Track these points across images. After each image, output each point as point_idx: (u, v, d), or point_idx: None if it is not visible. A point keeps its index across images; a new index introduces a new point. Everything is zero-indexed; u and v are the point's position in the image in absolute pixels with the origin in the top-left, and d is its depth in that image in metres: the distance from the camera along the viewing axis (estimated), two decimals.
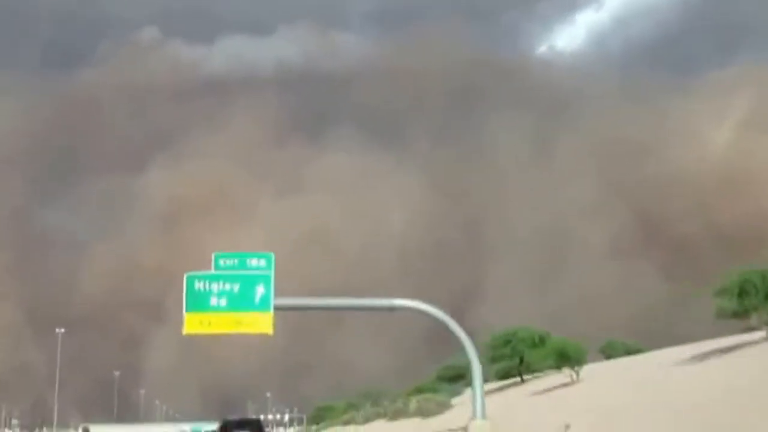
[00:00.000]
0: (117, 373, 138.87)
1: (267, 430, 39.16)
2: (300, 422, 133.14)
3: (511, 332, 48.83)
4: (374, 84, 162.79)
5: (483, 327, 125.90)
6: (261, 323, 26.55)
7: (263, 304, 26.13)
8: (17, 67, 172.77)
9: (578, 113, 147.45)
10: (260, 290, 26.20)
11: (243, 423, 34.29)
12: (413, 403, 48.28)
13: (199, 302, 25.89)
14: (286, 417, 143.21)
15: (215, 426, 51.68)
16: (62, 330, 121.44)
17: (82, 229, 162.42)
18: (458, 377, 59.61)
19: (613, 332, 79.77)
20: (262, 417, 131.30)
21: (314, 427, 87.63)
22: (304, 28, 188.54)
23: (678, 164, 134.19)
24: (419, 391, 60.76)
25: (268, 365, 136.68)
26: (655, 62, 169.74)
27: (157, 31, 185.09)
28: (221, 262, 27.30)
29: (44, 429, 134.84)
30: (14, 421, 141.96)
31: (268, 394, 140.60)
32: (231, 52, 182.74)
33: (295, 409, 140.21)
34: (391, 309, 27.88)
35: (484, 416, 24.48)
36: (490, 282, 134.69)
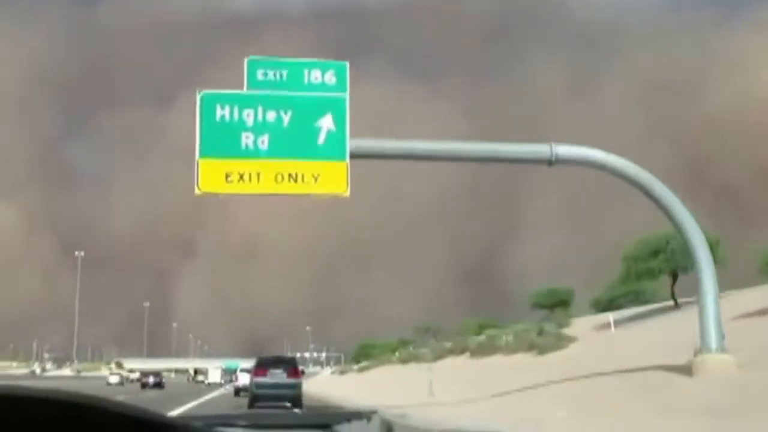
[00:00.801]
0: (147, 304, 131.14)
1: (302, 367, 35.68)
2: (337, 361, 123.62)
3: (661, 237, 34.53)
4: (408, 20, 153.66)
5: (519, 265, 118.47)
6: (330, 178, 15.54)
7: (333, 148, 15.56)
8: (44, 1, 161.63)
9: (620, 50, 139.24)
10: (326, 124, 15.09)
11: (277, 361, 31.90)
12: (506, 338, 37.17)
13: (223, 142, 15.38)
14: (323, 355, 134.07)
15: (250, 364, 48.73)
16: (82, 253, 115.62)
17: (111, 162, 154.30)
18: (558, 304, 48.79)
19: None
20: (298, 355, 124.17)
21: (358, 365, 77.26)
22: None
23: (725, 105, 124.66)
24: (484, 326, 51.87)
25: (298, 305, 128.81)
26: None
27: None
28: (260, 74, 16.44)
29: (75, 362, 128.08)
30: (46, 355, 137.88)
31: (308, 328, 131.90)
32: None
33: (332, 348, 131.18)
34: (552, 162, 17.96)
35: (721, 346, 14.74)
36: (527, 221, 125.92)
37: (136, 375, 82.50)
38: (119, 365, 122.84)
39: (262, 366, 30.99)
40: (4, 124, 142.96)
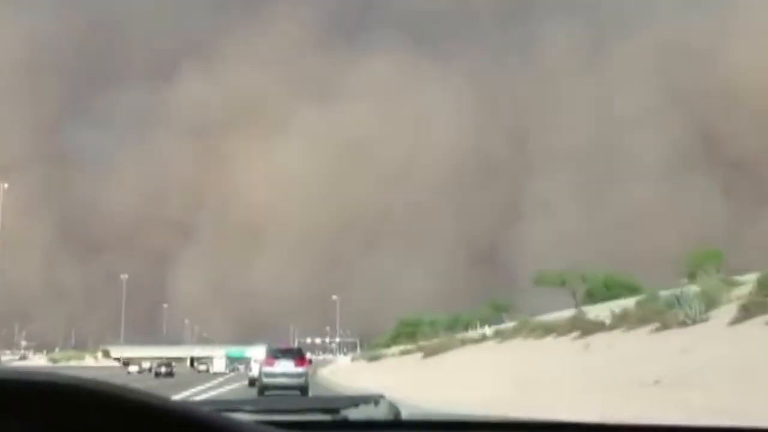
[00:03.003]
0: (125, 276, 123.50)
1: (310, 355, 38.64)
2: (353, 347, 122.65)
3: None
4: None
5: (525, 246, 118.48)
6: None
7: None
8: None
9: (634, 17, 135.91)
10: None
11: (285, 351, 34.33)
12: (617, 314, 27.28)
13: None
14: (335, 341, 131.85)
15: (255, 350, 54.61)
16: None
17: (108, 143, 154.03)
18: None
19: (664, 257, 69.04)
20: (308, 340, 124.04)
21: (401, 347, 66.33)
22: None
23: (742, 74, 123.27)
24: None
25: (302, 288, 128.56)
26: None
27: None
28: None
29: (57, 350, 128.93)
30: (24, 342, 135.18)
31: (327, 328, 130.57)
32: None
33: (348, 332, 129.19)
34: None
35: None
36: (534, 197, 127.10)
37: (147, 365, 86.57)
38: (106, 354, 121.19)
39: (271, 356, 33.02)
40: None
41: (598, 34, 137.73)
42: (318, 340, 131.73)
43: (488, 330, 47.75)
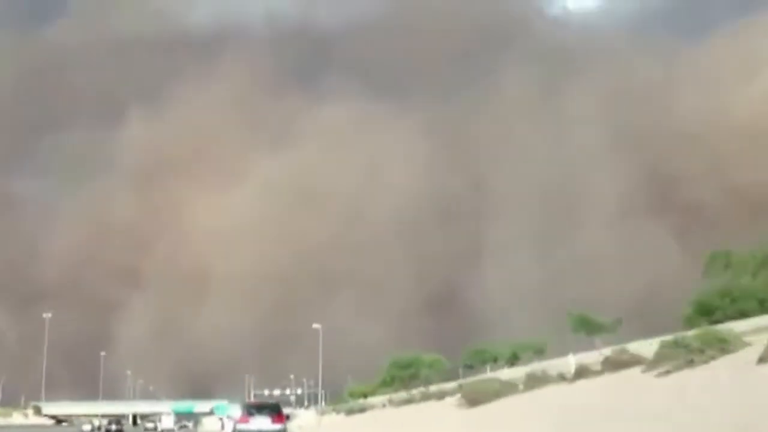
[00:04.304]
0: (48, 316, 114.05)
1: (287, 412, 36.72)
2: (316, 398, 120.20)
3: None
4: (375, 37, 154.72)
5: (481, 290, 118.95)
6: None
7: None
8: None
9: (587, 67, 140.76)
10: None
11: (263, 407, 33.47)
12: None
13: None
14: (295, 392, 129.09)
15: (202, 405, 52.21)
16: None
17: (51, 189, 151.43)
18: None
19: (619, 300, 70.16)
20: (266, 392, 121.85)
21: (381, 397, 59.35)
22: None
23: (693, 121, 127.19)
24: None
25: (254, 338, 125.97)
26: (669, 25, 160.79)
27: None
28: None
29: None
30: None
31: (292, 376, 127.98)
32: (218, 4, 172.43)
33: (311, 383, 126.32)
34: None
35: None
36: (491, 241, 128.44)
37: (97, 423, 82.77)
38: (37, 410, 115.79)
39: (245, 412, 32.26)
40: None
41: (551, 78, 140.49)
42: (277, 392, 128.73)
43: (572, 361, 33.67)
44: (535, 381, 33.08)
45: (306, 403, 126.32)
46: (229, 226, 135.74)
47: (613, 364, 28.66)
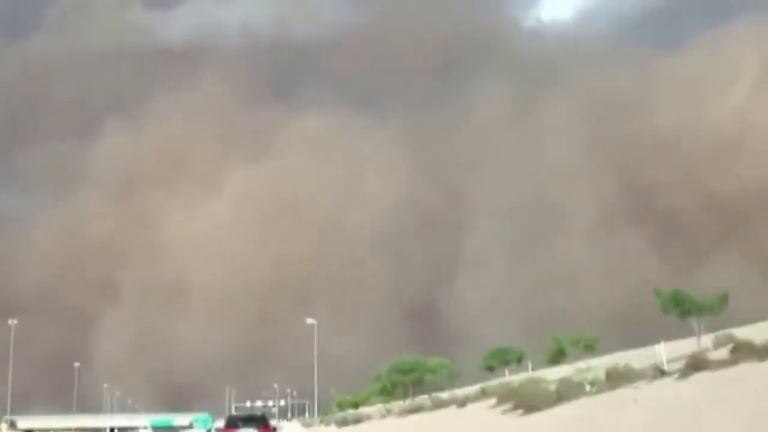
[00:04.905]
0: (13, 322, 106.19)
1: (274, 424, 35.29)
2: (301, 410, 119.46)
3: None
4: (351, 51, 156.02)
5: (458, 301, 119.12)
6: None
7: None
8: None
9: (563, 78, 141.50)
10: None
11: (249, 419, 32.73)
12: None
13: None
14: (281, 403, 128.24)
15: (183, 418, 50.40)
16: None
17: (26, 202, 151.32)
18: None
19: (595, 314, 70.03)
20: (248, 404, 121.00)
21: (374, 406, 57.09)
22: None
23: (669, 130, 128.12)
24: None
25: (235, 349, 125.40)
26: (644, 36, 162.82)
27: None
28: None
29: None
30: None
31: (276, 385, 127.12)
32: (194, 17, 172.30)
33: (295, 392, 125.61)
34: None
35: None
36: (468, 252, 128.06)
37: None
38: (12, 425, 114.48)
39: (230, 424, 31.48)
40: None
41: (527, 90, 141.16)
42: (259, 403, 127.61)
43: (663, 355, 26.91)
44: (618, 378, 25.27)
45: (289, 415, 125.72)
46: (207, 238, 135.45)
47: (745, 351, 21.55)
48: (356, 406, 68.86)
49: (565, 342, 54.26)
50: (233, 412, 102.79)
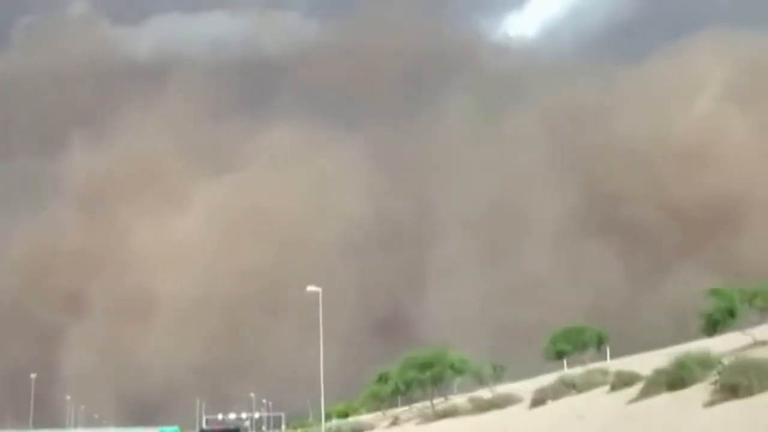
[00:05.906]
0: None
1: None
2: (276, 422, 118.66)
3: None
4: (320, 64, 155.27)
5: (426, 312, 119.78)
6: None
7: None
8: None
9: (529, 91, 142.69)
10: None
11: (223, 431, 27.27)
12: None
13: None
14: (255, 415, 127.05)
15: None
16: None
17: None
18: None
19: (563, 319, 71.04)
20: (220, 416, 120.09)
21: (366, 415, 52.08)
22: (243, 6, 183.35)
23: (633, 140, 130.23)
24: None
25: (205, 360, 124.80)
26: (607, 49, 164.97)
27: (83, 6, 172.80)
28: None
29: None
30: None
31: (252, 394, 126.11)
32: (163, 32, 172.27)
33: (270, 404, 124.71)
34: None
35: None
36: (436, 263, 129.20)
37: None
38: None
39: None
40: None
41: (493, 103, 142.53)
42: (232, 415, 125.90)
43: None
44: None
45: (264, 428, 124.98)
46: (175, 250, 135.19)
47: None
48: (346, 414, 64.97)
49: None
50: (204, 425, 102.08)
